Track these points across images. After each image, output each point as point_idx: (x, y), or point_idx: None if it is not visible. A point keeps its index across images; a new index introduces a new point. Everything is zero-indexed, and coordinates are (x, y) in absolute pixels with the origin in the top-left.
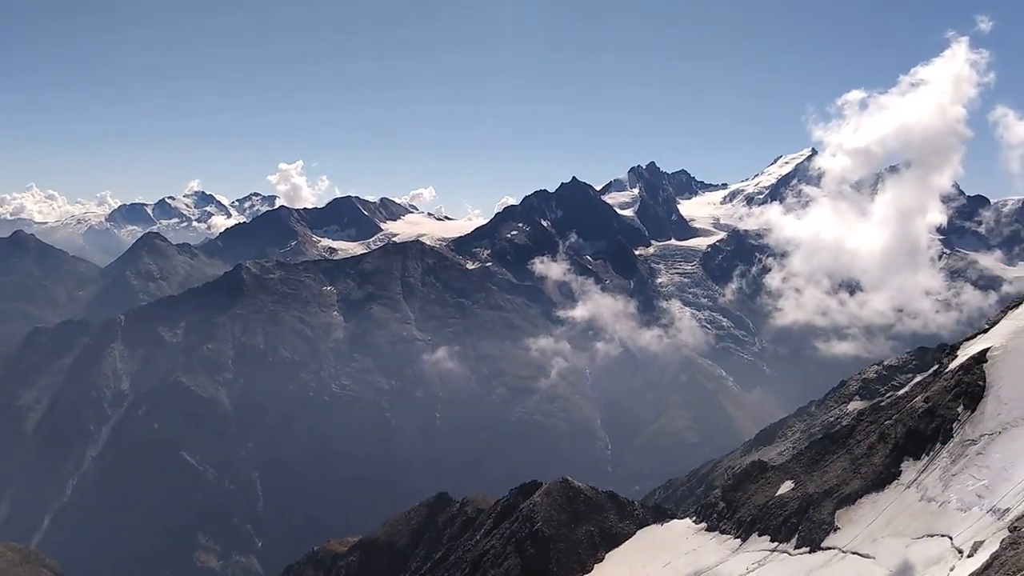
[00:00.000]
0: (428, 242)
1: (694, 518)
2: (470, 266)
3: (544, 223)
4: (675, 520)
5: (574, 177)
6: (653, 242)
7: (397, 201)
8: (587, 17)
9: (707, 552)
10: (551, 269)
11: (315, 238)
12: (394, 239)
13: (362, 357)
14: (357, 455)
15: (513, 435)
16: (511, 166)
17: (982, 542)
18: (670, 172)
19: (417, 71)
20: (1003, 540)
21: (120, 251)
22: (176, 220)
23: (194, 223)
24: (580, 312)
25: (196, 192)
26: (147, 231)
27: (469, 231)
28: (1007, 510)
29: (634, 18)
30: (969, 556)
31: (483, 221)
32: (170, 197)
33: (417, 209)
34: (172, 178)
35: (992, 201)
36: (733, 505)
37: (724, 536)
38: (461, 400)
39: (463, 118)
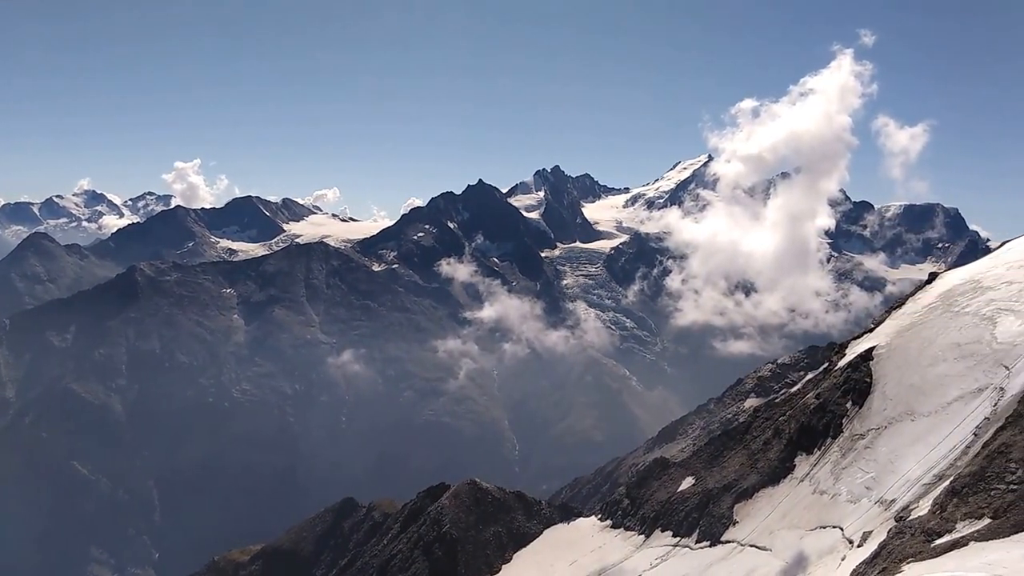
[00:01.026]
0: (333, 243)
1: (599, 516)
2: (376, 268)
3: (451, 225)
4: (581, 518)
5: (480, 179)
6: (559, 244)
7: (300, 202)
8: (493, 19)
9: (612, 549)
10: (458, 271)
11: (214, 239)
12: (297, 240)
13: (264, 361)
14: (260, 462)
15: (421, 438)
16: (417, 168)
17: (871, 532)
18: (574, 176)
19: (324, 69)
20: (890, 530)
21: (4, 252)
22: (65, 220)
23: (84, 223)
24: (487, 313)
25: (86, 191)
26: (33, 231)
27: (375, 232)
28: (893, 501)
29: (540, 23)
30: (859, 546)
31: (389, 223)
32: (58, 196)
33: (321, 210)
34: (60, 177)
35: (876, 206)
36: (637, 502)
37: (628, 533)
38: (367, 403)
39: (369, 118)
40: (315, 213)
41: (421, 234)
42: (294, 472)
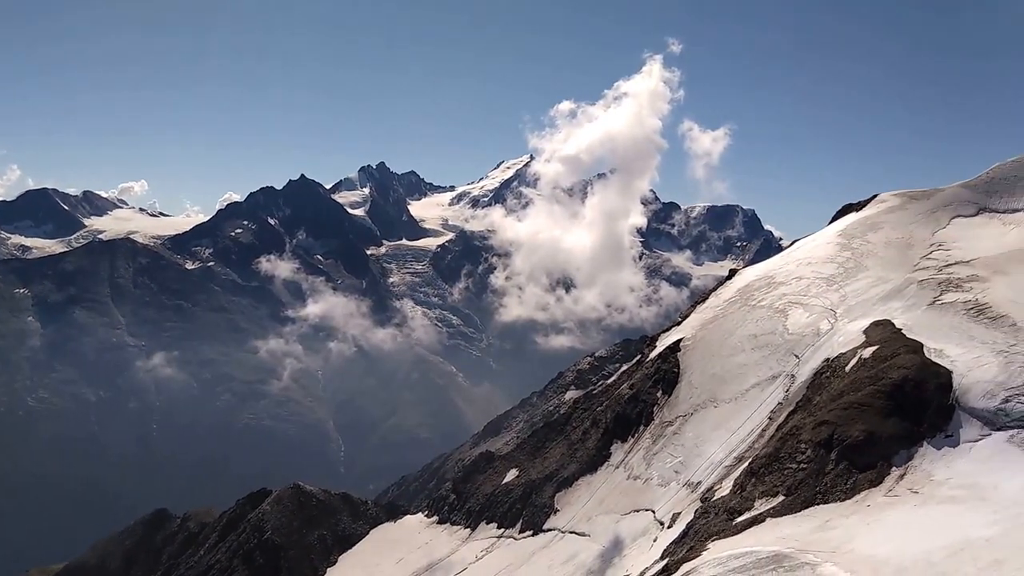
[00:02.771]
0: (141, 240)
1: (426, 512)
2: (189, 266)
3: (271, 221)
4: (408, 516)
5: (303, 175)
6: (385, 242)
7: (104, 195)
8: (316, 7)
9: (439, 544)
10: (279, 268)
11: (4, 235)
12: (100, 236)
13: (64, 366)
14: (62, 474)
15: (241, 442)
16: (235, 161)
17: (679, 513)
18: (400, 173)
19: (127, 52)
20: (696, 510)
21: None
22: None
23: None
24: (311, 312)
25: None
26: None
27: (188, 229)
28: (699, 483)
29: (364, 15)
30: (669, 527)
31: (204, 218)
32: None
33: (127, 204)
34: None
35: (682, 207)
36: (463, 496)
37: (455, 527)
38: (181, 409)
39: (180, 107)
40: (120, 207)
41: (239, 230)
42: (101, 484)
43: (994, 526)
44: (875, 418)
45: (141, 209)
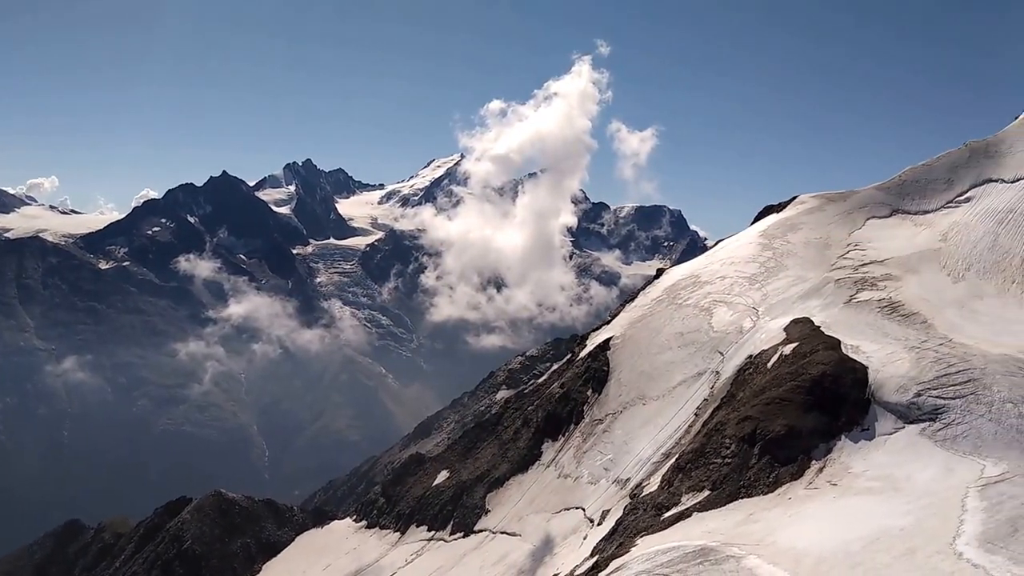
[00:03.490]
0: (51, 239)
1: (355, 517)
2: (103, 266)
3: (191, 219)
4: (336, 521)
5: (225, 171)
6: (311, 241)
7: (11, 191)
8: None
9: (368, 549)
10: (199, 268)
11: None
12: (7, 235)
13: None
14: None
15: (159, 449)
16: (152, 157)
17: (609, 510)
18: (327, 170)
19: (33, 44)
20: (625, 507)
21: None
22: None
23: None
24: (233, 313)
25: None
26: None
27: (102, 227)
28: (628, 480)
29: (286, 11)
30: (599, 524)
31: (119, 216)
32: None
33: (36, 201)
34: None
35: (611, 207)
36: (393, 499)
37: (384, 531)
38: (95, 415)
39: (94, 101)
40: (29, 204)
41: (156, 228)
42: (9, 494)
43: (907, 516)
44: (796, 413)
45: (51, 206)
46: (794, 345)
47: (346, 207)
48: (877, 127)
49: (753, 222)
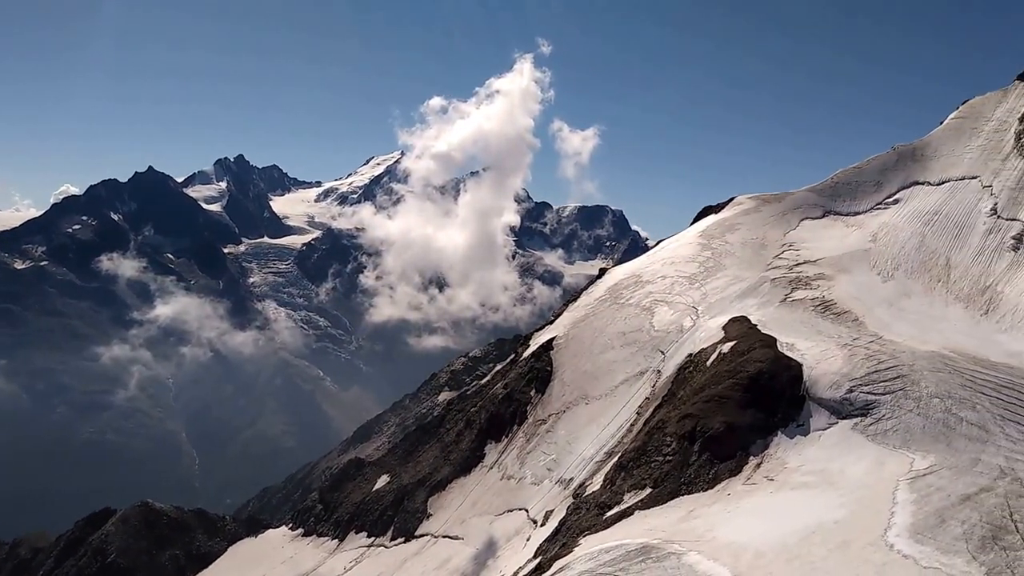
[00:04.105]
0: None
1: (290, 525)
2: (19, 265)
3: (114, 216)
4: (271, 530)
5: (151, 167)
6: (244, 239)
7: None
8: None
9: (305, 557)
10: (123, 267)
11: None
12: None
13: None
14: None
15: (81, 460)
16: (72, 150)
17: (552, 511)
18: (261, 167)
19: None
20: (568, 507)
21: None
22: None
23: None
24: (160, 315)
25: None
26: None
27: (17, 224)
28: (571, 480)
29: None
30: (542, 525)
31: (36, 213)
32: None
33: None
34: None
35: (554, 206)
36: (331, 506)
37: (322, 538)
38: (10, 424)
39: (7, 91)
40: None
41: (77, 226)
42: None
43: (841, 509)
44: (734, 410)
45: None
46: (732, 343)
47: (281, 205)
48: (813, 129)
49: (692, 222)
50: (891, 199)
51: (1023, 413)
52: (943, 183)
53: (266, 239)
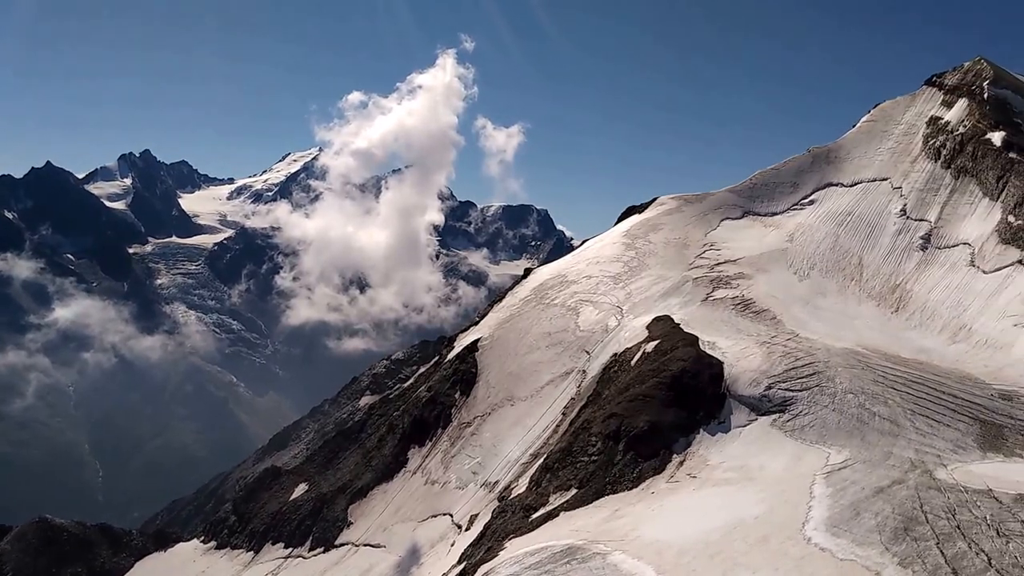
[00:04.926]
0: None
1: (202, 538)
2: None
3: (8, 215)
4: (181, 544)
5: (49, 162)
6: (151, 239)
7: None
8: None
9: (218, 571)
10: (17, 268)
11: None
12: None
13: None
14: None
15: None
16: None
17: (477, 515)
18: (169, 163)
19: None
20: (494, 510)
21: None
22: None
23: None
24: (59, 318)
25: None
26: None
27: None
28: (496, 482)
29: None
30: (467, 530)
31: None
32: None
33: None
34: None
35: (479, 205)
36: (245, 517)
37: (236, 551)
38: None
39: None
40: None
41: None
42: None
43: (761, 504)
44: (657, 409)
45: None
46: (656, 343)
47: (190, 203)
48: (734, 132)
49: (617, 222)
50: (807, 200)
51: (932, 407)
52: (855, 185)
53: (175, 239)
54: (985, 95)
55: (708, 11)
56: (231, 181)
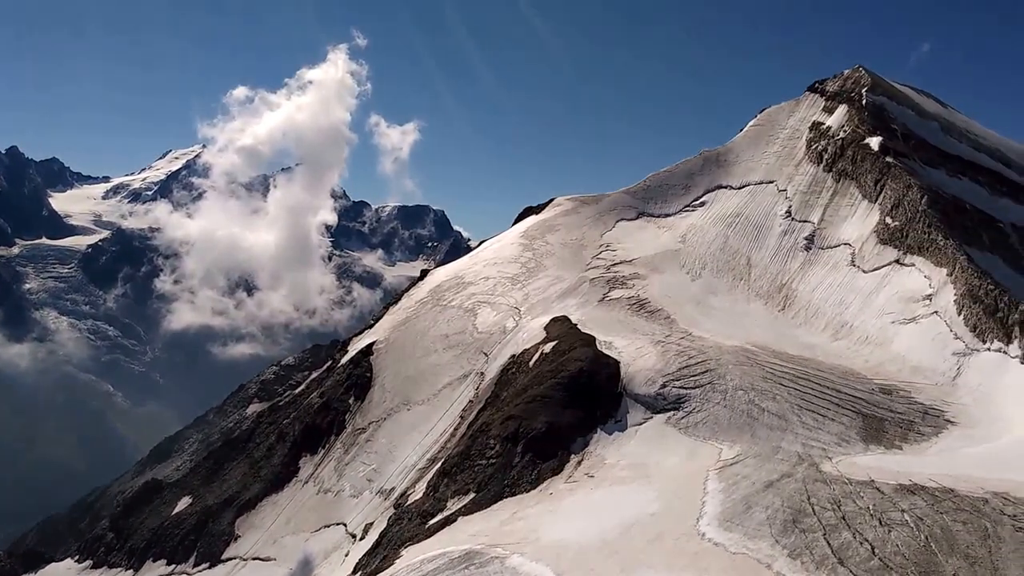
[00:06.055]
0: None
1: (77, 557)
2: None
3: None
4: (53, 564)
5: None
6: (18, 240)
7: None
8: None
9: None
10: None
11: None
12: None
13: None
14: None
15: None
16: None
17: (372, 523)
18: (38, 160)
19: None
20: (390, 518)
21: None
22: None
23: None
24: None
25: None
26: None
27: None
28: (392, 489)
29: None
30: (361, 539)
31: None
32: None
33: None
34: None
35: (373, 205)
36: (124, 533)
37: (114, 569)
38: None
39: None
40: None
41: None
42: None
43: (657, 501)
44: (556, 409)
45: None
46: (554, 343)
47: (62, 202)
48: (630, 132)
49: (514, 223)
50: (698, 202)
51: (817, 402)
52: (744, 187)
53: (45, 240)
54: (864, 102)
55: (607, 3)
56: (107, 179)
